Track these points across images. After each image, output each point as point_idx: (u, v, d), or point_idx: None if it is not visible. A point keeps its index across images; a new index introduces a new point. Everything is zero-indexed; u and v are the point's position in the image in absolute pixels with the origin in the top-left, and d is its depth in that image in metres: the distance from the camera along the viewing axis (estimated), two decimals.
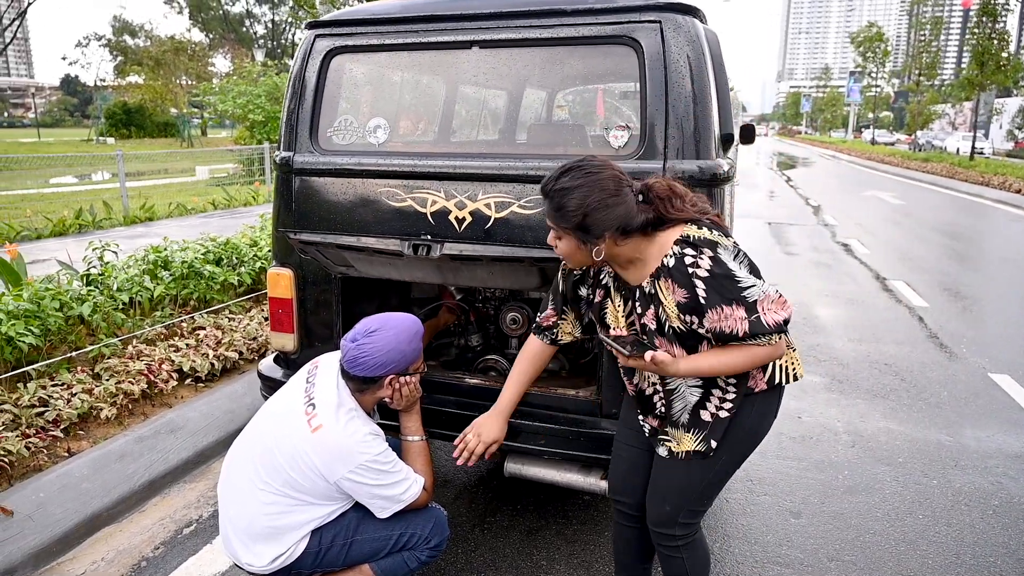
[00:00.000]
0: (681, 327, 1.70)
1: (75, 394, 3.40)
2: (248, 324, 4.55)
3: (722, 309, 1.61)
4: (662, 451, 1.89)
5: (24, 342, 3.42)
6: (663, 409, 1.87)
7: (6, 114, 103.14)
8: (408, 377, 2.09)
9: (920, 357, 5.02)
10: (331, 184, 2.57)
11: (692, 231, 1.67)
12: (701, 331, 1.69)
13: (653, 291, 1.72)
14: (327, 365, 2.14)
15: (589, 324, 2.04)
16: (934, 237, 10.78)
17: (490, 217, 2.35)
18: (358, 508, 2.07)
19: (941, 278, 7.72)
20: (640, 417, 1.96)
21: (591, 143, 3.20)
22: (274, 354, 2.93)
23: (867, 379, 4.58)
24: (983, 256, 9.55)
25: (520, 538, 2.79)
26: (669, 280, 1.66)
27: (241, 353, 4.23)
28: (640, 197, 1.68)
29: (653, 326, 1.75)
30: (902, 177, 23.89)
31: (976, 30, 25.31)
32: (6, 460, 2.88)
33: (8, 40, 48.82)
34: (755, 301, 1.61)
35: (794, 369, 1.85)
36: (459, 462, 2.14)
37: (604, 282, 1.88)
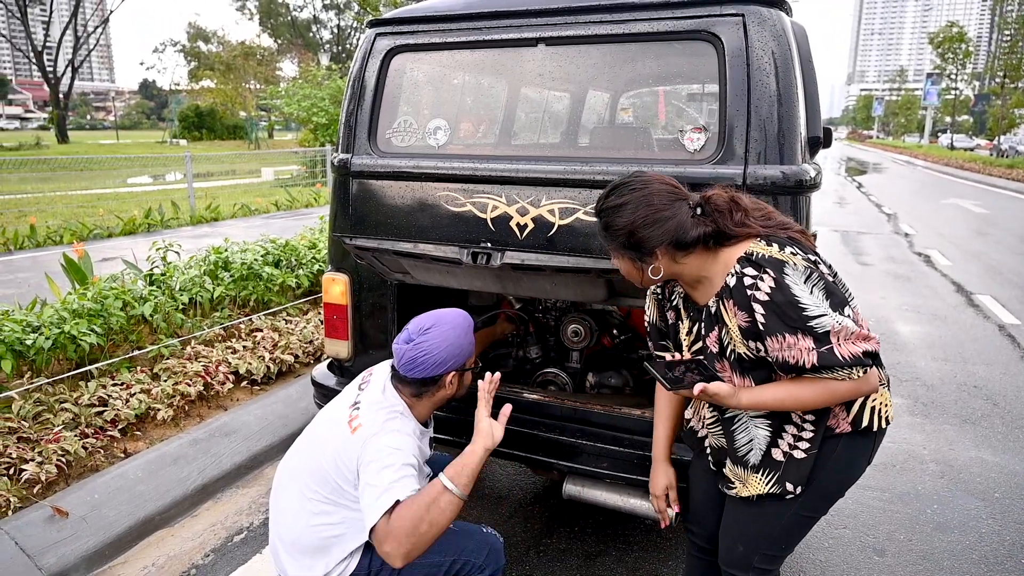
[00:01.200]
0: (748, 353, 1.53)
1: (133, 394, 3.42)
2: (304, 327, 4.54)
3: (784, 338, 1.43)
4: (730, 492, 1.71)
5: (86, 341, 3.45)
6: (721, 444, 1.70)
7: (88, 117, 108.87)
8: (467, 374, 2.02)
9: (1014, 380, 4.63)
10: (389, 188, 2.48)
11: (758, 248, 1.49)
12: (769, 359, 1.51)
13: (717, 311, 1.56)
14: (380, 373, 2.06)
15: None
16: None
17: (554, 224, 2.21)
18: None
19: None
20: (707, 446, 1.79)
21: (657, 146, 3.03)
22: (328, 361, 2.86)
23: (955, 403, 4.23)
24: None
25: (578, 563, 2.64)
26: (731, 302, 1.51)
27: (297, 356, 4.21)
28: (699, 210, 1.53)
29: (715, 349, 1.60)
30: (984, 184, 22.62)
31: None
32: (64, 460, 2.89)
33: (92, 47, 51.43)
34: (826, 332, 1.41)
35: (885, 411, 1.63)
36: (663, 526, 1.96)
37: (675, 303, 1.74)
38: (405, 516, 1.66)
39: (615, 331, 2.81)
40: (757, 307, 1.45)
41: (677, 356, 1.69)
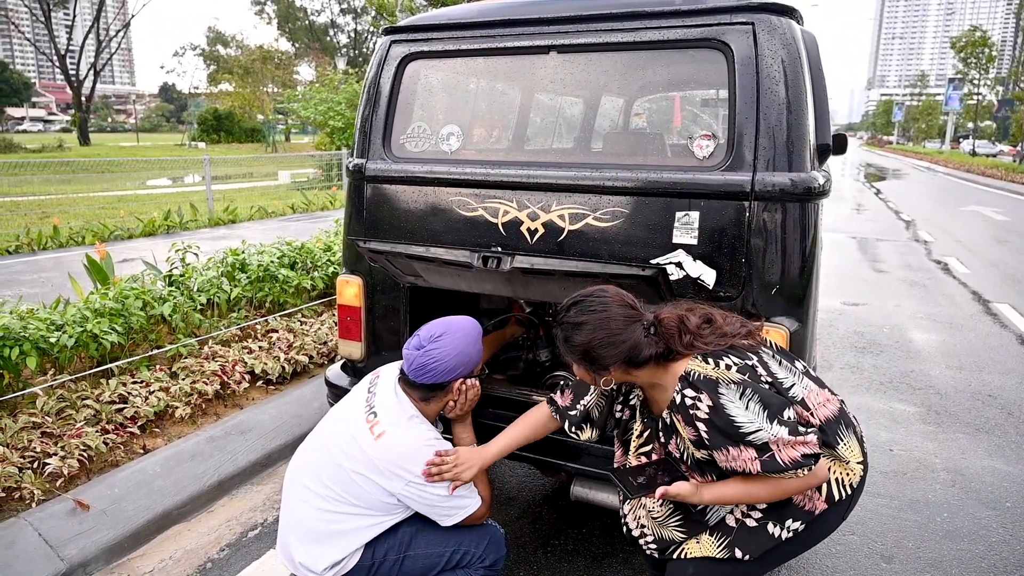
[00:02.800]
0: (703, 457, 1.65)
1: (153, 392, 3.49)
2: (319, 328, 4.60)
3: (728, 451, 1.55)
4: (677, 555, 1.80)
5: (108, 340, 3.53)
6: (666, 535, 1.81)
7: (110, 120, 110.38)
8: (473, 380, 2.08)
9: None
10: (402, 192, 2.53)
11: (695, 366, 1.60)
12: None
13: (672, 422, 1.68)
14: (388, 375, 2.12)
15: (603, 430, 2.04)
16: None
17: (564, 229, 2.25)
18: (412, 523, 2.03)
19: None
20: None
21: (669, 152, 3.06)
22: (341, 362, 2.91)
23: (968, 411, 4.21)
24: None
25: (586, 564, 2.66)
26: (679, 416, 1.61)
27: (311, 357, 4.27)
28: (652, 329, 1.64)
29: (677, 454, 1.72)
30: (1006, 191, 22.34)
31: None
32: (86, 455, 2.96)
33: (114, 51, 52.16)
34: (764, 443, 1.51)
35: (847, 479, 1.69)
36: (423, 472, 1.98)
37: (633, 402, 1.87)
38: (488, 491, 2.08)
39: None
40: (700, 424, 1.56)
41: (633, 461, 1.82)
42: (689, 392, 1.57)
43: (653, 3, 2.18)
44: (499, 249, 2.31)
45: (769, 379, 1.61)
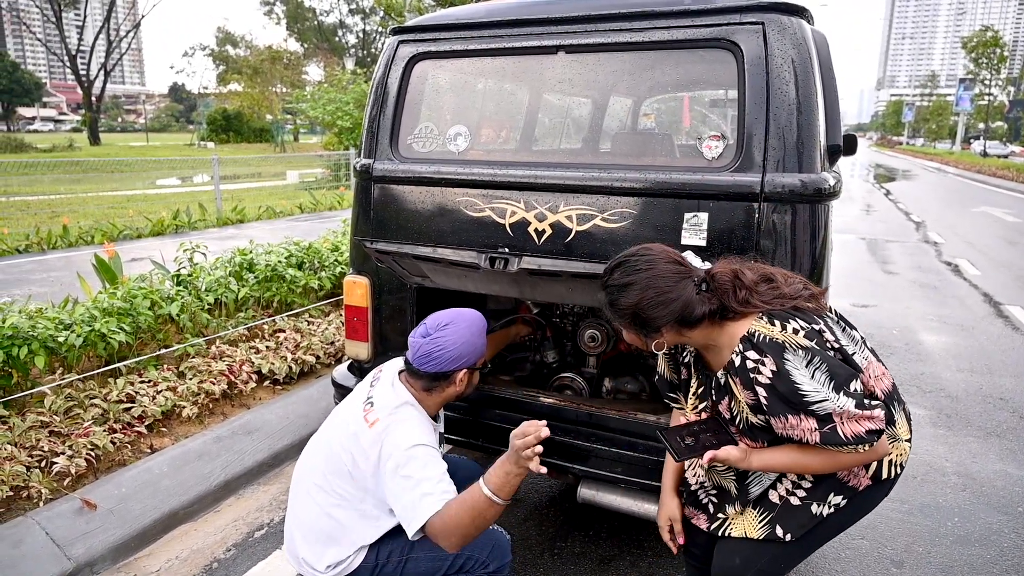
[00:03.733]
0: (758, 422, 1.58)
1: (160, 391, 3.50)
2: (326, 328, 4.60)
3: (787, 419, 1.48)
4: (722, 531, 1.75)
5: (116, 339, 3.54)
6: (726, 485, 1.75)
7: (120, 119, 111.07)
8: (476, 373, 2.07)
9: None
10: (409, 192, 2.53)
11: (760, 327, 1.52)
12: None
13: (727, 384, 1.61)
14: (389, 369, 2.12)
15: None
16: None
17: (571, 230, 2.23)
18: None
19: None
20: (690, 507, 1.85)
21: (679, 153, 3.04)
22: (348, 362, 2.91)
23: (979, 415, 4.17)
24: None
25: (592, 567, 2.65)
26: (738, 379, 1.55)
27: (318, 357, 4.27)
28: (704, 286, 1.56)
29: (727, 416, 1.65)
30: (1018, 192, 22.17)
31: None
32: (93, 454, 2.97)
33: (124, 51, 52.50)
34: (828, 414, 1.45)
35: (900, 459, 1.66)
36: (675, 551, 1.94)
37: (687, 360, 1.79)
38: (453, 522, 1.77)
39: None
40: (760, 390, 1.50)
41: (692, 417, 1.74)
42: (752, 355, 1.50)
43: (662, 3, 2.17)
44: (506, 250, 2.30)
45: (836, 345, 1.53)
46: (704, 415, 1.73)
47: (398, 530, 1.99)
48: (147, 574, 2.62)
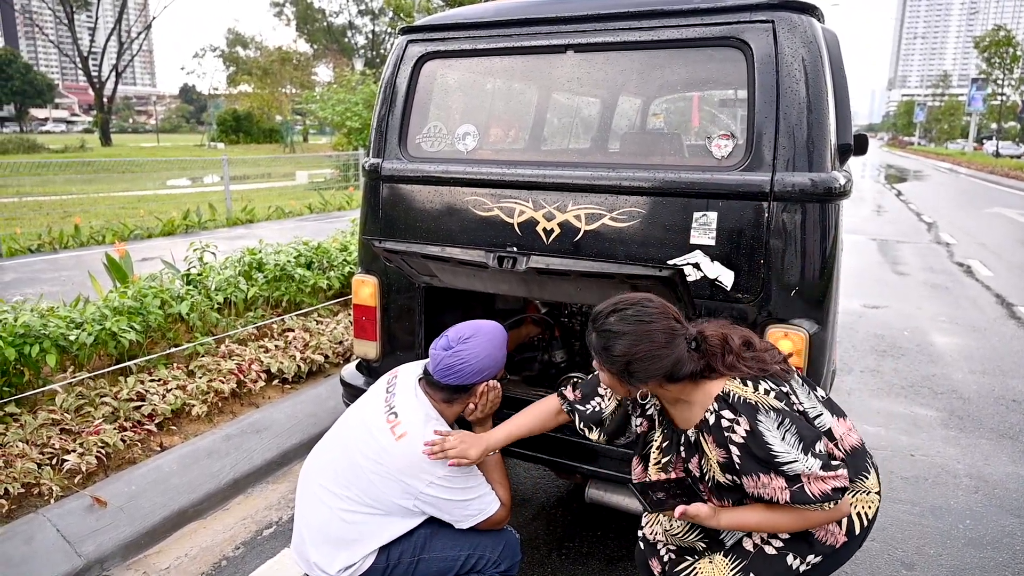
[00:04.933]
0: (726, 481, 1.61)
1: (170, 390, 3.51)
2: (335, 328, 4.61)
3: (759, 477, 1.51)
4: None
5: (126, 338, 3.56)
6: (685, 545, 1.77)
7: (131, 120, 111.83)
8: (495, 383, 2.08)
9: None
10: (418, 192, 2.53)
11: (733, 387, 1.55)
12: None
13: (697, 441, 1.63)
14: (406, 375, 2.11)
15: (612, 435, 2.00)
16: None
17: (580, 229, 2.23)
18: (428, 526, 2.02)
19: None
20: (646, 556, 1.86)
21: (688, 152, 3.03)
22: (356, 361, 2.91)
23: (992, 416, 4.13)
24: None
25: (600, 567, 2.64)
26: (711, 437, 1.57)
27: (327, 357, 4.28)
28: (693, 345, 1.59)
29: (696, 474, 1.67)
30: None
31: None
32: (103, 452, 2.99)
33: (135, 52, 52.86)
34: (797, 475, 1.48)
35: (867, 511, 1.66)
36: (424, 450, 1.94)
37: (650, 412, 1.82)
38: (508, 491, 2.09)
39: None
40: (733, 448, 1.52)
41: (654, 475, 1.76)
42: (727, 414, 1.53)
43: (672, 1, 2.16)
44: (515, 249, 2.29)
45: (800, 408, 1.59)
46: (662, 476, 1.75)
47: (411, 531, 2.00)
48: (157, 571, 2.63)
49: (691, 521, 1.65)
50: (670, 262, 2.11)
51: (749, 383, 1.56)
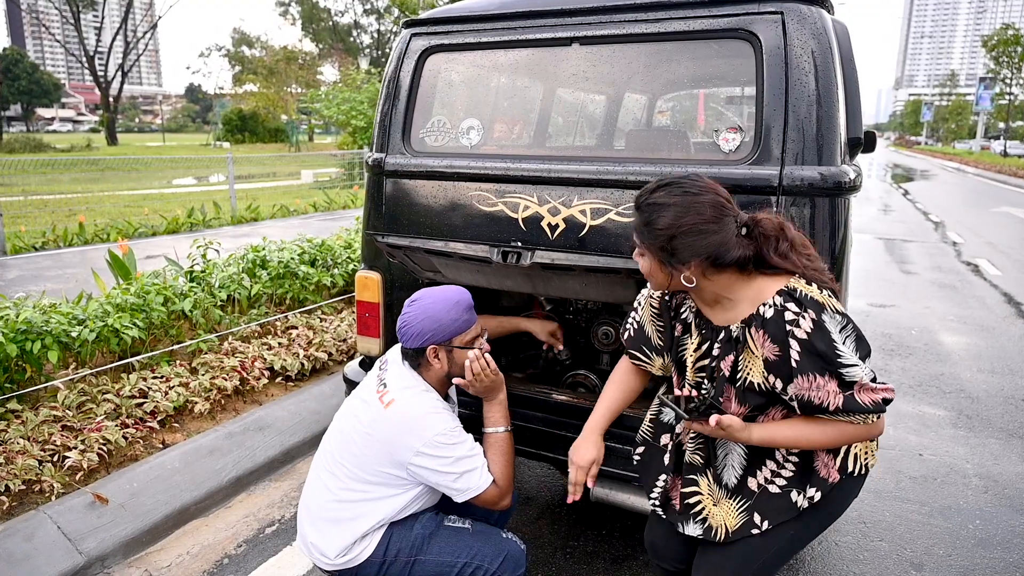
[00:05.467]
0: (762, 384, 1.51)
1: (172, 387, 3.50)
2: (339, 325, 4.59)
3: (815, 378, 1.43)
4: (692, 530, 1.68)
5: (129, 335, 3.55)
6: (701, 459, 1.68)
7: (137, 120, 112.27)
8: (476, 352, 1.98)
9: None
10: (422, 187, 2.50)
11: (800, 285, 1.47)
12: (784, 396, 1.50)
13: (742, 338, 1.53)
14: (396, 352, 2.11)
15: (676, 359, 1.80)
16: None
17: (585, 224, 2.20)
18: (428, 525, 1.98)
19: None
20: (661, 483, 1.77)
21: (694, 148, 2.99)
22: (360, 358, 2.89)
23: (1001, 416, 4.09)
24: None
25: (605, 566, 2.62)
26: (763, 332, 1.47)
27: (330, 354, 4.27)
28: (744, 230, 1.48)
29: (726, 373, 1.56)
30: None
31: None
32: (105, 449, 2.97)
33: (141, 52, 53.04)
34: (854, 381, 1.42)
35: (866, 459, 1.62)
36: (569, 500, 1.90)
37: (684, 316, 1.69)
38: (506, 472, 1.98)
39: None
40: (793, 344, 1.44)
41: (687, 392, 1.67)
42: (792, 307, 1.44)
43: None
44: (519, 244, 2.27)
45: (854, 331, 1.51)
46: (701, 376, 1.66)
47: (410, 527, 1.97)
48: (158, 569, 2.62)
49: (721, 435, 1.55)
50: None
51: (815, 285, 1.48)
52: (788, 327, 1.44)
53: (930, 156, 54.67)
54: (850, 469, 1.58)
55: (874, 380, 1.45)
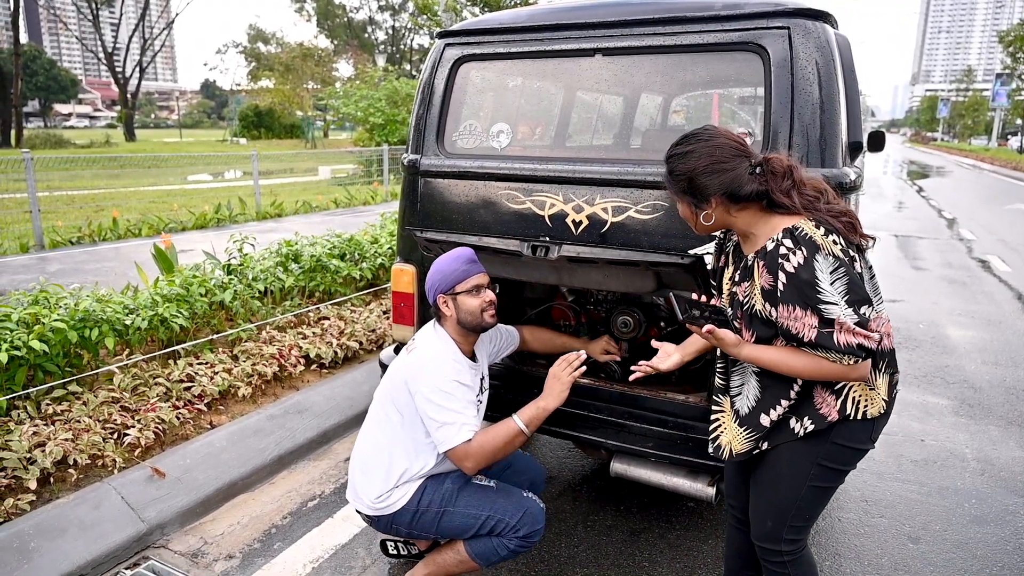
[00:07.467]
0: (761, 312, 1.71)
1: (217, 372, 3.74)
2: (368, 316, 4.82)
3: (794, 309, 1.61)
4: (712, 449, 1.94)
5: (177, 323, 3.79)
6: (722, 383, 1.91)
7: (153, 116, 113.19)
8: (464, 297, 2.21)
9: None
10: (455, 186, 2.72)
11: (805, 226, 1.65)
12: (775, 323, 1.69)
13: (751, 266, 1.74)
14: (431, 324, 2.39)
15: None
16: None
17: (607, 221, 2.41)
18: (458, 480, 2.23)
19: None
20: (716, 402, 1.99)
21: None
22: (394, 345, 3.11)
23: (1002, 405, 4.25)
24: None
25: (623, 538, 2.82)
26: (762, 263, 1.68)
27: (361, 343, 4.49)
28: (757, 169, 1.69)
29: (740, 298, 1.78)
30: None
31: None
32: (160, 428, 3.22)
33: (157, 49, 53.53)
34: (831, 319, 1.58)
35: (866, 407, 1.74)
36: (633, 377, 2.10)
37: (728, 249, 1.91)
38: (485, 446, 2.10)
39: (662, 323, 2.98)
40: (781, 275, 1.63)
41: (712, 300, 1.88)
42: (788, 243, 1.62)
43: (694, 8, 2.33)
44: (547, 239, 2.48)
45: (861, 274, 1.66)
46: (720, 301, 1.87)
47: (442, 480, 2.22)
48: (213, 537, 2.85)
49: (715, 343, 1.75)
50: (691, 251, 2.28)
51: (821, 228, 1.63)
52: (780, 260, 1.63)
53: (946, 152, 54.21)
54: (847, 412, 1.74)
55: (862, 326, 1.58)
